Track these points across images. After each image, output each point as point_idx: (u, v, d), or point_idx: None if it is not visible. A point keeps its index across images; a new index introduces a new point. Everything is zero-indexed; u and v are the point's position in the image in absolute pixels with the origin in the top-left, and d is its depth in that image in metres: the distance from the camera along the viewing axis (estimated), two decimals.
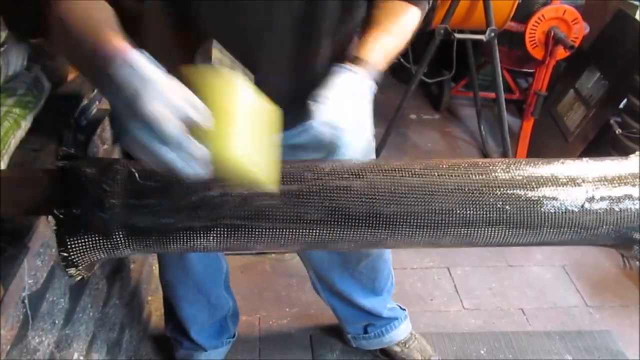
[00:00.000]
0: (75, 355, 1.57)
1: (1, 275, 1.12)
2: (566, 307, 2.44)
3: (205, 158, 0.74)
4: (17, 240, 1.22)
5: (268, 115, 0.77)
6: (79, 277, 0.95)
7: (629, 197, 0.97)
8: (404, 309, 2.10)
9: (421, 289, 2.47)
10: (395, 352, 2.10)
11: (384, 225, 0.93)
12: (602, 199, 0.96)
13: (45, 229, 1.33)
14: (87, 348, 1.66)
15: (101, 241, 0.93)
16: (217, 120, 0.73)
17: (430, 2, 1.30)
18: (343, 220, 0.93)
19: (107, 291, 1.80)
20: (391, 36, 1.19)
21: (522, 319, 2.37)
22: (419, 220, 0.93)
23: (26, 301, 1.24)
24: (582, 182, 0.97)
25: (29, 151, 1.37)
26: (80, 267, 0.94)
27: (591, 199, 0.96)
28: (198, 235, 0.92)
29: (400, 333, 2.08)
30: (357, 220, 0.93)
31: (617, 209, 0.96)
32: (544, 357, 2.19)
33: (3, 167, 1.26)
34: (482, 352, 2.20)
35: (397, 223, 0.93)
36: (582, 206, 0.95)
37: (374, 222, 0.93)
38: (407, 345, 2.11)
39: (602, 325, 2.36)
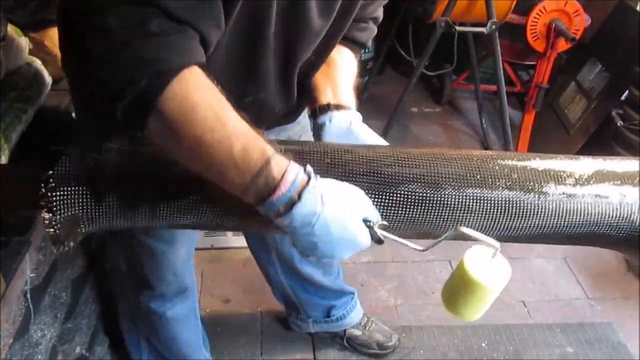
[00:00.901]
0: (78, 349, 1.58)
1: (3, 269, 1.12)
2: (567, 300, 2.45)
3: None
4: (18, 235, 1.22)
5: (503, 285, 0.91)
6: (59, 244, 0.93)
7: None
8: (352, 287, 2.13)
9: (422, 282, 2.47)
10: (356, 337, 2.13)
11: (384, 184, 0.93)
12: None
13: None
14: (89, 342, 1.66)
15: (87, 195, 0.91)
16: (467, 305, 0.93)
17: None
18: (342, 176, 0.92)
19: (109, 285, 1.81)
20: (350, 75, 1.29)
21: (524, 312, 2.37)
22: (419, 181, 0.94)
23: (28, 295, 1.25)
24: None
25: (30, 146, 1.37)
26: (62, 224, 0.92)
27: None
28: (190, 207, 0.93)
29: (358, 313, 2.12)
30: (356, 177, 0.92)
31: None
32: (545, 350, 2.19)
33: (4, 161, 1.26)
34: (483, 344, 2.21)
35: (397, 183, 0.93)
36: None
37: (374, 179, 0.93)
38: (367, 328, 2.14)
39: (603, 317, 2.36)
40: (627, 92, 2.96)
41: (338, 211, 0.83)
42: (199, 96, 0.78)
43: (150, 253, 1.48)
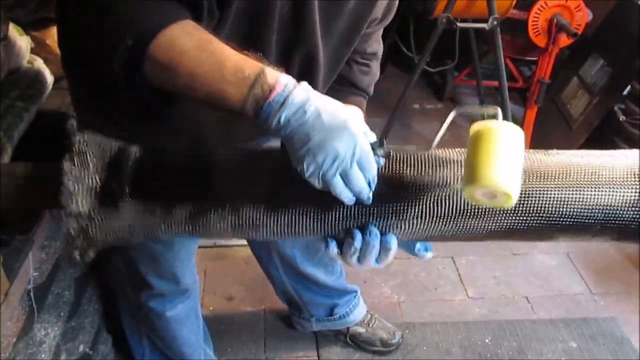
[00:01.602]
0: (81, 347, 1.58)
1: (6, 268, 1.13)
2: (571, 295, 2.44)
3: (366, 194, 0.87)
4: (22, 234, 1.22)
5: (517, 138, 0.84)
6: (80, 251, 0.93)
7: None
8: (355, 285, 2.13)
9: (425, 279, 2.47)
10: (360, 334, 2.13)
11: None
12: None
13: (49, 222, 1.34)
14: (93, 340, 1.67)
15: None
16: (481, 158, 0.82)
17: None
18: None
19: (112, 283, 1.81)
20: None
21: (527, 307, 2.37)
22: None
23: (31, 294, 1.25)
24: None
25: (32, 144, 1.37)
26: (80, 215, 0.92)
27: None
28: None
29: (361, 311, 2.12)
30: None
31: None
32: (548, 345, 2.19)
33: (7, 160, 1.26)
34: (487, 340, 2.21)
35: None
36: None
37: None
38: (370, 326, 2.14)
39: (606, 312, 2.35)
40: (629, 86, 2.96)
41: (330, 102, 0.86)
42: (186, 40, 0.87)
43: (148, 254, 1.48)
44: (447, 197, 0.92)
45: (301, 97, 0.83)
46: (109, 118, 1.13)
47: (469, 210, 0.92)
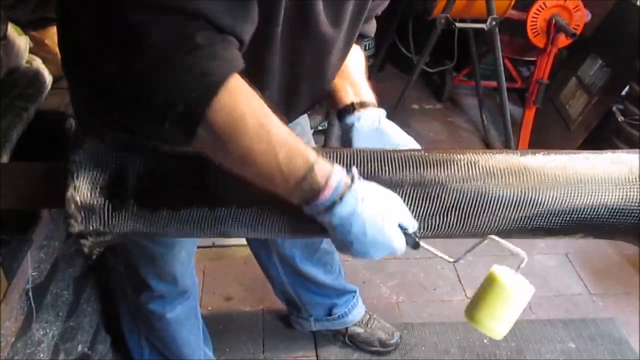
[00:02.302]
0: (80, 347, 1.58)
1: (5, 267, 1.13)
2: (569, 295, 2.44)
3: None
4: (20, 233, 1.22)
5: (525, 296, 1.02)
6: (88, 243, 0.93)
7: None
8: (354, 285, 2.13)
9: (424, 279, 2.47)
10: (359, 334, 2.13)
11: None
12: None
13: (48, 221, 1.33)
14: (92, 340, 1.67)
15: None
16: (487, 306, 0.99)
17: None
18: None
19: (111, 283, 1.81)
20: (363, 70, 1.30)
21: (526, 307, 2.36)
22: None
23: (30, 293, 1.25)
24: None
25: (31, 144, 1.37)
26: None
27: None
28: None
29: (360, 311, 2.12)
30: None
31: None
32: (547, 345, 2.19)
33: (5, 160, 1.26)
34: (485, 341, 2.21)
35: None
36: None
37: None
38: (369, 326, 2.14)
39: (605, 313, 2.36)
40: (627, 87, 2.96)
41: (376, 214, 0.86)
42: (246, 105, 0.80)
43: (148, 256, 1.47)
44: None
45: (349, 208, 0.84)
46: (109, 118, 1.12)
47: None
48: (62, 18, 1.02)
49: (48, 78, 1.53)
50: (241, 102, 0.79)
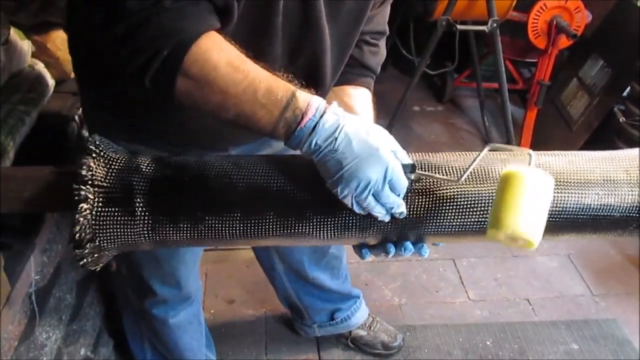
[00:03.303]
0: (83, 351, 1.58)
1: (8, 271, 1.13)
2: (572, 296, 2.44)
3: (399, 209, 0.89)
4: (23, 237, 1.22)
5: (545, 185, 0.87)
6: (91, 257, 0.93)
7: None
8: (358, 289, 2.13)
9: (426, 281, 2.47)
10: (361, 337, 2.13)
11: None
12: None
13: (51, 225, 1.34)
14: (95, 343, 1.67)
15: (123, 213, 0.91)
16: (506, 204, 0.85)
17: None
18: None
19: (113, 287, 1.81)
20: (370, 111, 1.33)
21: (528, 309, 2.37)
22: None
23: (33, 297, 1.25)
24: None
25: (34, 148, 1.37)
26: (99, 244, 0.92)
27: None
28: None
29: (363, 314, 2.12)
30: None
31: None
32: (550, 347, 2.19)
33: (8, 164, 1.26)
34: (488, 342, 2.20)
35: None
36: None
37: None
38: (372, 329, 2.14)
39: (607, 314, 2.35)
40: (629, 87, 2.96)
41: (360, 127, 0.87)
42: (219, 56, 0.86)
43: (153, 259, 1.47)
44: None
45: (332, 123, 0.85)
46: (120, 119, 1.13)
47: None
48: (70, 21, 1.09)
49: (50, 82, 1.53)
50: (214, 54, 0.85)
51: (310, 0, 1.02)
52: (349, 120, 0.87)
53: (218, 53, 0.86)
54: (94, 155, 0.91)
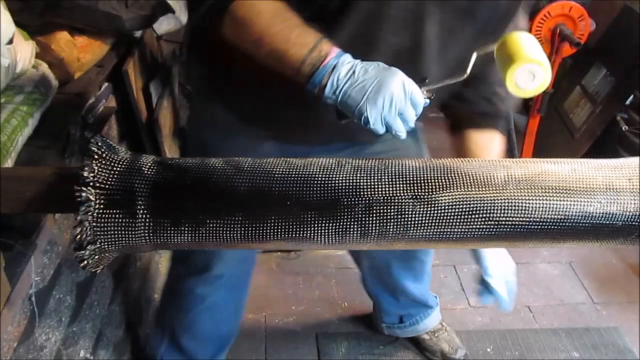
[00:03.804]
0: (82, 353, 1.58)
1: (8, 272, 1.12)
2: (573, 304, 2.44)
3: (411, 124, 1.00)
4: (24, 238, 1.22)
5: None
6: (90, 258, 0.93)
7: None
8: (436, 296, 2.14)
9: None
10: (423, 340, 2.15)
11: None
12: None
13: (52, 226, 1.33)
14: (94, 345, 1.66)
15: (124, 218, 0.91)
16: (514, 48, 0.97)
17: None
18: None
19: (114, 288, 1.81)
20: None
21: (529, 316, 2.36)
22: None
23: (33, 298, 1.25)
24: None
25: (36, 149, 1.37)
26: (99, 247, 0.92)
27: None
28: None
29: (432, 321, 2.13)
30: None
31: None
32: (550, 355, 2.18)
33: (11, 164, 1.26)
34: (488, 350, 2.20)
35: None
36: None
37: None
38: (436, 335, 2.15)
39: (609, 322, 2.35)
40: (632, 96, 2.95)
41: (373, 62, 0.99)
42: (264, 4, 1.03)
43: None
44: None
45: (349, 61, 0.97)
46: (228, 112, 1.38)
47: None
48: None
49: (54, 83, 1.53)
50: (261, 1, 1.03)
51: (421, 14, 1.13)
52: (361, 62, 0.98)
53: (264, 2, 1.03)
54: (96, 156, 0.91)
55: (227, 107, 1.40)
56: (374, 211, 0.92)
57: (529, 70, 0.96)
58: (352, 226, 0.93)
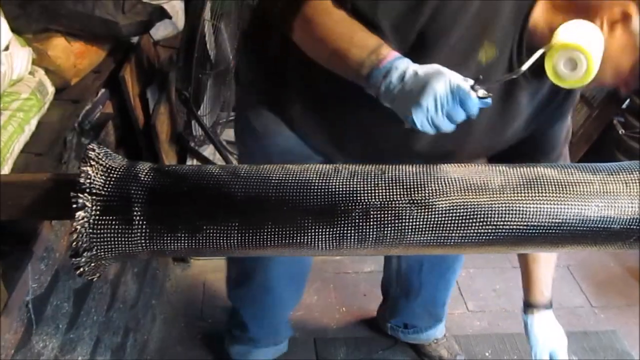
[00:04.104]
0: None
1: (5, 279, 1.12)
2: (571, 308, 2.44)
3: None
4: (20, 245, 1.22)
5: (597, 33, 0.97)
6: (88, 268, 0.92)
7: None
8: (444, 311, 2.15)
9: None
10: (422, 345, 2.16)
11: None
12: None
13: (48, 233, 1.33)
14: (91, 352, 1.66)
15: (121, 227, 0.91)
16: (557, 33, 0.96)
17: None
18: None
19: (111, 295, 1.80)
20: (549, 266, 1.60)
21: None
22: None
23: (30, 305, 1.24)
24: None
25: (33, 155, 1.37)
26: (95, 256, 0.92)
27: None
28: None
29: (437, 333, 2.14)
30: None
31: None
32: None
33: (7, 171, 1.26)
34: (487, 354, 2.20)
35: None
36: None
37: None
38: (436, 342, 2.15)
39: (607, 325, 2.35)
40: (628, 100, 2.96)
41: (425, 65, 1.00)
42: (333, 9, 1.08)
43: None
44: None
45: (403, 66, 0.99)
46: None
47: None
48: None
49: (50, 89, 1.53)
50: (332, 7, 1.08)
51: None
52: (416, 64, 1.00)
53: (334, 8, 1.08)
54: (92, 163, 0.91)
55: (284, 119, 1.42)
56: (371, 216, 0.92)
57: (569, 57, 0.92)
58: (349, 232, 0.93)
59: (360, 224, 0.92)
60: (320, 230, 0.92)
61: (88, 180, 0.89)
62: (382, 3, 1.10)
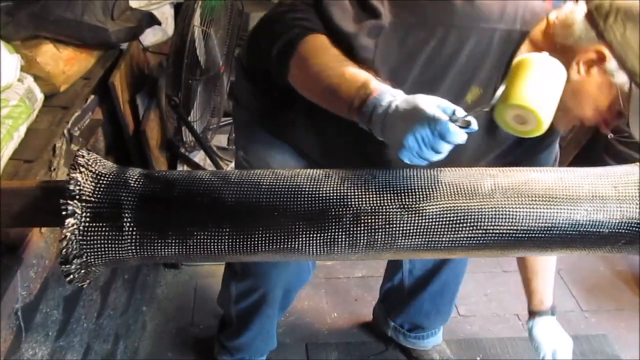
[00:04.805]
0: None
1: None
2: (562, 312, 2.43)
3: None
4: (10, 252, 1.21)
5: (555, 68, 0.93)
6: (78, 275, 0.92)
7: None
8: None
9: None
10: (414, 350, 2.15)
11: None
12: None
13: (38, 240, 1.33)
14: (82, 359, 1.65)
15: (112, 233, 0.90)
16: (514, 80, 0.90)
17: None
18: None
19: (101, 302, 1.80)
20: (546, 277, 1.84)
21: (518, 325, 2.37)
22: None
23: (19, 313, 1.24)
24: None
25: (22, 162, 1.36)
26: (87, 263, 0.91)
27: None
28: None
29: (436, 340, 2.15)
30: None
31: None
32: None
33: None
34: (478, 358, 2.20)
35: None
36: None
37: None
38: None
39: (597, 329, 2.35)
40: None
41: (409, 97, 0.98)
42: (326, 45, 1.12)
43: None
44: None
45: (387, 100, 0.98)
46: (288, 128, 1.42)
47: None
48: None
49: (39, 96, 1.53)
50: (323, 43, 1.12)
51: None
52: (401, 96, 0.99)
53: (326, 44, 1.12)
54: (82, 169, 0.91)
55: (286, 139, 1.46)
56: (362, 221, 0.93)
57: (519, 114, 0.89)
58: (340, 237, 0.93)
59: (351, 229, 0.92)
60: (311, 235, 0.93)
61: (78, 187, 0.88)
62: (378, 51, 1.13)
